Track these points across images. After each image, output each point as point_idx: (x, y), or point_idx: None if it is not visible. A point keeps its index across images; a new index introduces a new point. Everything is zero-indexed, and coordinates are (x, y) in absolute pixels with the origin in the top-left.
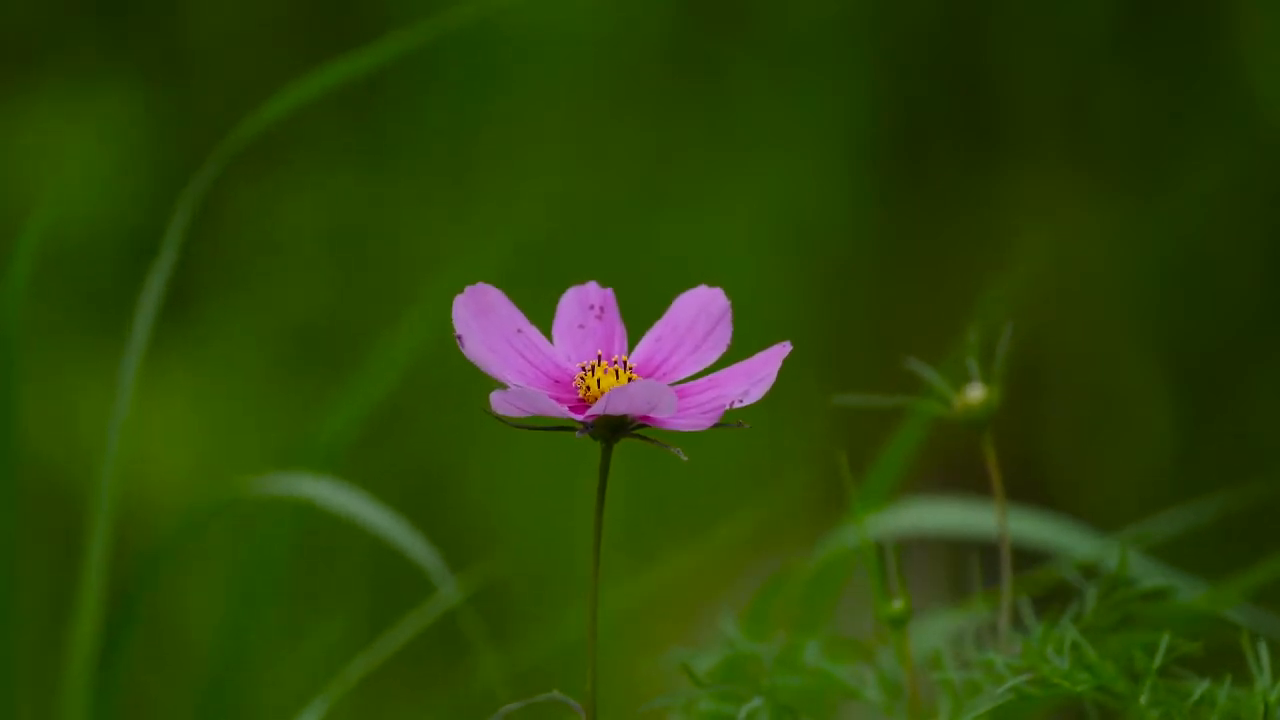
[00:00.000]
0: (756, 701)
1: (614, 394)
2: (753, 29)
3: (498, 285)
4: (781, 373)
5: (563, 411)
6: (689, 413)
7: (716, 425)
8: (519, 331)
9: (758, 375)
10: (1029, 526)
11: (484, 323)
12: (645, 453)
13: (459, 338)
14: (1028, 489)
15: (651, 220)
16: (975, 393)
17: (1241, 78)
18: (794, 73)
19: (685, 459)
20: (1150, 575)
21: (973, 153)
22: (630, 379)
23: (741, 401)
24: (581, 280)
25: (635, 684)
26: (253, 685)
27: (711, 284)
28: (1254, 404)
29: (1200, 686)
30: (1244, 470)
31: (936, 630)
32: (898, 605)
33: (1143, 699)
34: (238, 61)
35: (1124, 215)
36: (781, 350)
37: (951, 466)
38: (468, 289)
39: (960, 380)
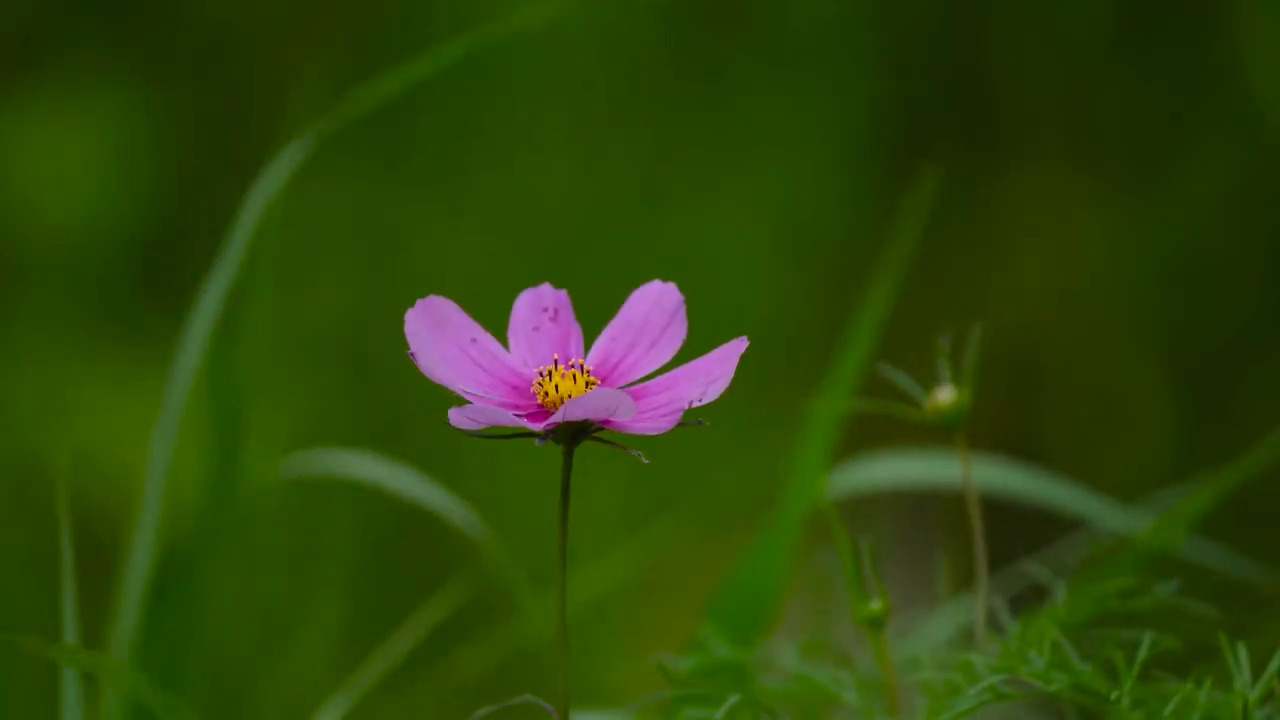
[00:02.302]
0: (734, 699)
1: (571, 404)
2: (753, 29)
3: (497, 289)
4: (780, 372)
5: (521, 423)
6: (648, 415)
7: (677, 425)
8: (474, 341)
9: (714, 375)
10: (999, 476)
11: (437, 335)
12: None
13: (412, 354)
14: None
15: (651, 220)
16: (945, 394)
17: (1241, 78)
18: (794, 73)
19: (647, 462)
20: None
21: (973, 153)
22: (589, 383)
23: (700, 401)
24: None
25: (617, 687)
26: (250, 674)
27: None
28: (1254, 404)
29: (1180, 687)
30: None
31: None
32: (876, 606)
33: (1122, 699)
34: (238, 61)
35: (1124, 215)
36: (738, 346)
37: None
38: (419, 302)
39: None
